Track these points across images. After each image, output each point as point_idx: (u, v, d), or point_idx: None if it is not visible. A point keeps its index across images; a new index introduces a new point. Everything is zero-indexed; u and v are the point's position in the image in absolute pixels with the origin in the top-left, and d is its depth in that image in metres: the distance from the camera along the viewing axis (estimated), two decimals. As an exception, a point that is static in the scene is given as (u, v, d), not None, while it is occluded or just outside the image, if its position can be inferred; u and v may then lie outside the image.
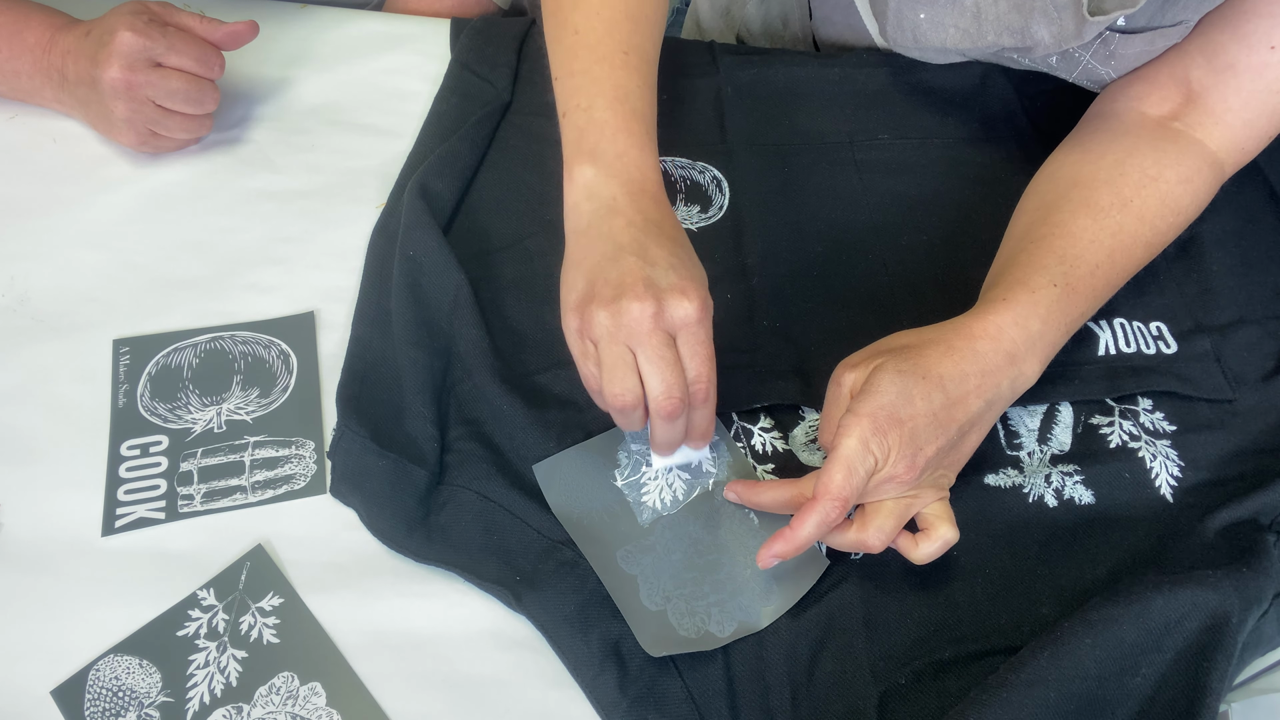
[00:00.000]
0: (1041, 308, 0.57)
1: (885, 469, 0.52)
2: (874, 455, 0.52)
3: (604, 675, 0.53)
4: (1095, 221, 0.61)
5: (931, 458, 0.53)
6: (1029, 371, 0.57)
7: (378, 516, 0.58)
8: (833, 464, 0.52)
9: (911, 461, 0.53)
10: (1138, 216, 0.61)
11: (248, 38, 0.73)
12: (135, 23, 0.68)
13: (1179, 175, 0.63)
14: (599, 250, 0.55)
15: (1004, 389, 0.56)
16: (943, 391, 0.54)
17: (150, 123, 0.70)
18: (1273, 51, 0.60)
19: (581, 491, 0.59)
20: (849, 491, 0.52)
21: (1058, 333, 0.58)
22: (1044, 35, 0.62)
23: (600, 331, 0.53)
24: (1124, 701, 0.50)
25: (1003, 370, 0.55)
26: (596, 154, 0.58)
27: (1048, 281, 0.58)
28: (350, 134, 0.78)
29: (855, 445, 0.52)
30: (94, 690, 0.53)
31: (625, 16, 0.63)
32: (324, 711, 0.52)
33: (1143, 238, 0.62)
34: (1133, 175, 0.62)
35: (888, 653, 0.54)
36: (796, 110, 0.78)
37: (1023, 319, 0.57)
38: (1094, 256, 0.60)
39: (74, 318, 0.67)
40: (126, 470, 0.60)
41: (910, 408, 0.53)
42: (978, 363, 0.55)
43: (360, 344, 0.65)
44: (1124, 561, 0.57)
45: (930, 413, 0.53)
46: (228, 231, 0.72)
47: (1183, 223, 0.64)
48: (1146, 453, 0.62)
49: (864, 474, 0.52)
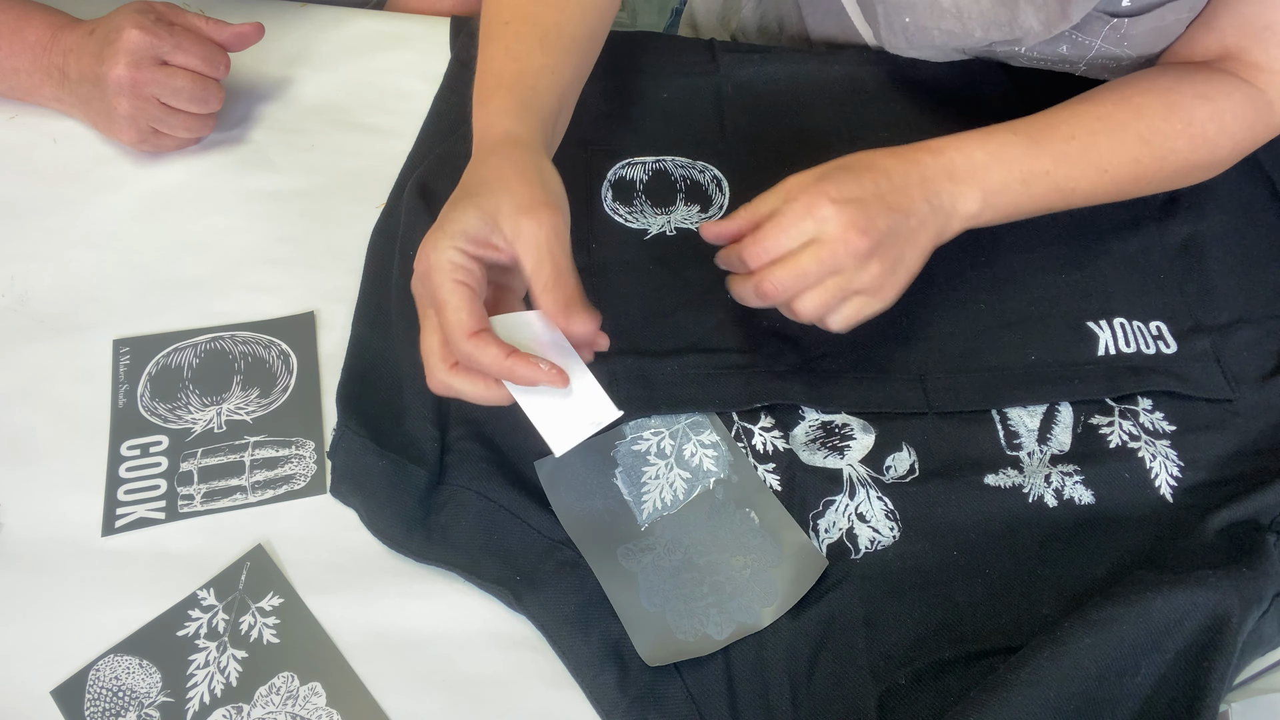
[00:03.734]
0: (991, 145, 0.60)
1: (834, 233, 0.54)
2: (814, 220, 0.54)
3: (604, 675, 0.53)
4: (1082, 106, 0.62)
5: (885, 233, 0.55)
6: (969, 195, 0.59)
7: (378, 516, 0.58)
8: (772, 218, 0.56)
9: (865, 227, 0.54)
10: (1134, 110, 0.62)
11: (254, 39, 0.73)
12: (142, 21, 0.68)
13: (1197, 90, 0.62)
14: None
15: (944, 201, 0.58)
16: (888, 179, 0.57)
17: (153, 120, 0.70)
18: None
19: (582, 489, 0.59)
20: (772, 243, 0.55)
21: (1008, 173, 0.60)
22: (1033, 23, 0.62)
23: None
24: (1124, 701, 0.50)
25: (941, 181, 0.58)
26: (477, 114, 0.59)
27: (1006, 130, 0.61)
28: (350, 134, 0.78)
29: (797, 208, 0.55)
30: (94, 690, 0.53)
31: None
32: (324, 711, 0.52)
33: (1136, 130, 0.61)
34: (1143, 82, 0.63)
35: (888, 653, 0.54)
36: (796, 109, 0.78)
37: (966, 147, 0.59)
38: (1069, 127, 0.61)
39: (74, 318, 0.67)
40: (126, 470, 0.60)
41: (859, 188, 0.56)
42: (918, 167, 0.58)
43: (360, 344, 0.65)
44: (1124, 561, 0.57)
45: (879, 195, 0.56)
46: (228, 231, 0.72)
47: (1198, 135, 0.62)
48: (1146, 453, 0.62)
49: (797, 236, 0.55)
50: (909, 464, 0.61)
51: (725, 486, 0.60)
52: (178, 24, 0.70)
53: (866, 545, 0.58)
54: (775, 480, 0.60)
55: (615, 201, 0.73)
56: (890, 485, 0.60)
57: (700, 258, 0.70)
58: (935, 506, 0.59)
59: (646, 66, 0.80)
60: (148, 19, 0.68)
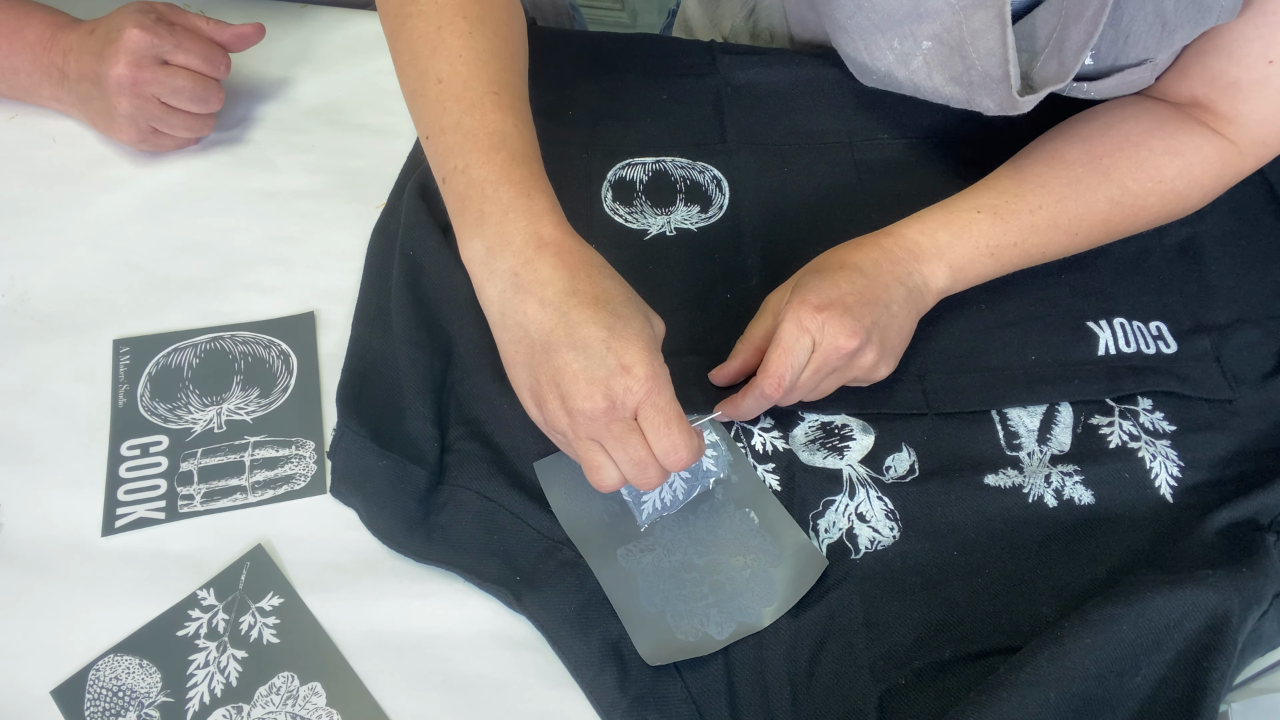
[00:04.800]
0: (955, 225, 0.62)
1: (825, 341, 0.56)
2: (809, 333, 0.56)
3: (604, 675, 0.53)
4: (1051, 169, 0.63)
5: (870, 328, 0.57)
6: (936, 273, 0.61)
7: (378, 516, 0.58)
8: (772, 346, 0.57)
9: (852, 329, 0.56)
10: (1103, 172, 0.63)
11: (254, 40, 0.73)
12: (143, 20, 0.68)
13: (1167, 146, 0.63)
14: (525, 347, 0.52)
15: (916, 281, 0.61)
16: (861, 274, 0.59)
17: (153, 120, 0.70)
18: (1271, 65, 0.59)
19: (582, 490, 0.59)
20: (784, 369, 0.56)
21: (974, 250, 0.62)
22: (989, 104, 0.64)
23: (563, 428, 0.52)
24: (1124, 701, 0.50)
25: (910, 263, 0.61)
26: (483, 220, 0.53)
27: (970, 207, 0.63)
28: (350, 134, 0.78)
29: (790, 328, 0.57)
30: (94, 690, 0.53)
31: (491, 54, 0.57)
32: (324, 711, 0.52)
33: (1107, 193, 0.62)
34: (1114, 138, 0.64)
35: (888, 653, 0.54)
36: (796, 110, 0.78)
37: (930, 230, 0.62)
38: (1036, 197, 0.62)
39: (74, 318, 0.67)
40: (126, 470, 0.60)
41: (836, 290, 0.58)
42: (884, 254, 0.61)
43: (360, 344, 0.65)
44: (1124, 561, 0.57)
45: (856, 292, 0.58)
46: (228, 231, 0.72)
47: (1169, 192, 0.63)
48: (1146, 453, 0.62)
49: (801, 352, 0.57)
50: (909, 464, 0.61)
51: (725, 487, 0.60)
52: (179, 24, 0.70)
53: (866, 545, 0.58)
54: (775, 480, 0.60)
55: (615, 202, 0.73)
56: (890, 485, 0.60)
57: (700, 258, 0.70)
58: (935, 507, 0.59)
59: (646, 67, 0.80)
60: (149, 19, 0.68)
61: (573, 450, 0.54)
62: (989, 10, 0.59)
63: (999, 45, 0.59)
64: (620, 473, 0.53)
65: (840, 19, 0.67)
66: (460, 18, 0.58)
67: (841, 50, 0.71)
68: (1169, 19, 0.57)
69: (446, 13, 0.58)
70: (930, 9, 0.62)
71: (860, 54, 0.68)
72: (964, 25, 0.61)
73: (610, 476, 0.53)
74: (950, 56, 0.63)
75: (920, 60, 0.65)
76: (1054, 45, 0.59)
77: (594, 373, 0.50)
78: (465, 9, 0.58)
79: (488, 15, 0.59)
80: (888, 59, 0.66)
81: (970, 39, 0.61)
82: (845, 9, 0.66)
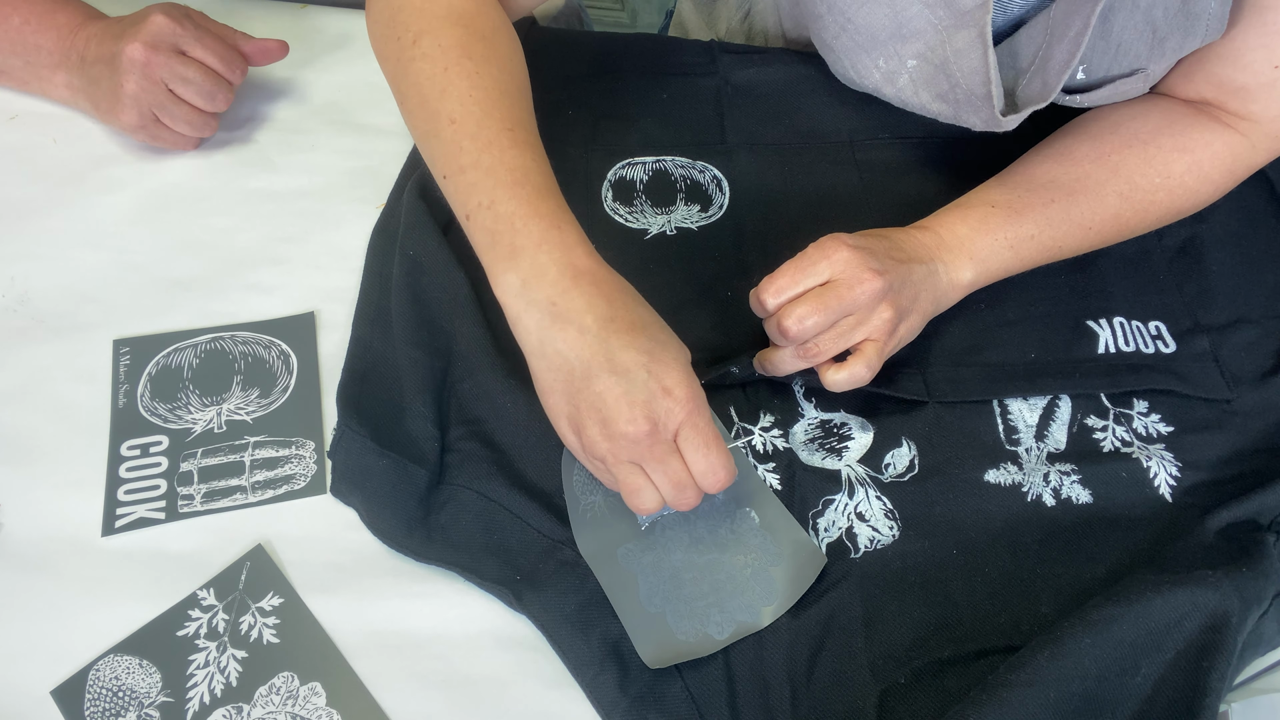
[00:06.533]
0: (973, 219, 0.62)
1: (848, 272, 0.56)
2: (829, 259, 0.57)
3: (604, 675, 0.53)
4: (1061, 165, 0.64)
5: (891, 280, 0.57)
6: (960, 265, 0.62)
7: (378, 516, 0.58)
8: (791, 260, 0.58)
9: (875, 267, 0.56)
10: (1111, 168, 0.63)
11: (277, 55, 0.75)
12: (172, 11, 0.70)
13: (1175, 143, 0.63)
14: (565, 375, 0.52)
15: (939, 270, 0.61)
16: (892, 242, 0.60)
17: (156, 106, 0.71)
18: (1277, 70, 0.60)
19: (588, 481, 0.59)
20: (791, 271, 0.57)
21: (994, 242, 0.62)
22: (975, 121, 0.64)
23: (602, 453, 0.53)
24: (1124, 701, 0.50)
25: (933, 251, 0.61)
26: (516, 254, 0.54)
27: (984, 202, 0.63)
28: (350, 134, 0.78)
29: (813, 249, 0.58)
30: (94, 690, 0.53)
31: (500, 93, 0.58)
32: (324, 711, 0.52)
33: (1115, 188, 0.63)
34: (1122, 135, 0.64)
35: (888, 652, 0.54)
36: (796, 110, 0.78)
37: (949, 224, 0.63)
38: (1048, 191, 0.63)
39: (74, 318, 0.67)
40: (126, 470, 0.60)
41: (865, 240, 0.59)
42: (908, 237, 0.62)
43: (360, 344, 0.65)
44: (1123, 561, 0.57)
45: (884, 249, 0.59)
46: (228, 231, 0.72)
47: (1177, 187, 0.64)
48: (1140, 455, 0.62)
49: (813, 271, 0.57)
50: (908, 459, 0.61)
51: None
52: (205, 26, 0.72)
53: (866, 544, 0.58)
54: (775, 479, 0.60)
55: (615, 201, 0.73)
56: (889, 484, 0.60)
57: (700, 258, 0.70)
58: (934, 505, 0.59)
59: (646, 67, 0.80)
60: (177, 11, 0.71)
61: (610, 476, 0.54)
62: (971, 30, 0.60)
63: (981, 65, 0.60)
64: (659, 495, 0.53)
65: (826, 39, 0.67)
66: (465, 59, 0.58)
67: (830, 66, 0.71)
68: (1159, 27, 0.58)
69: (451, 55, 0.59)
70: (913, 29, 0.62)
71: (848, 71, 0.69)
72: (947, 45, 0.61)
73: (650, 499, 0.53)
74: (935, 75, 0.64)
75: (906, 78, 0.66)
76: (1038, 65, 0.60)
77: (636, 396, 0.51)
78: (469, 49, 0.59)
79: (491, 54, 0.60)
80: (874, 77, 0.67)
81: (954, 58, 0.62)
82: (830, 29, 0.66)
